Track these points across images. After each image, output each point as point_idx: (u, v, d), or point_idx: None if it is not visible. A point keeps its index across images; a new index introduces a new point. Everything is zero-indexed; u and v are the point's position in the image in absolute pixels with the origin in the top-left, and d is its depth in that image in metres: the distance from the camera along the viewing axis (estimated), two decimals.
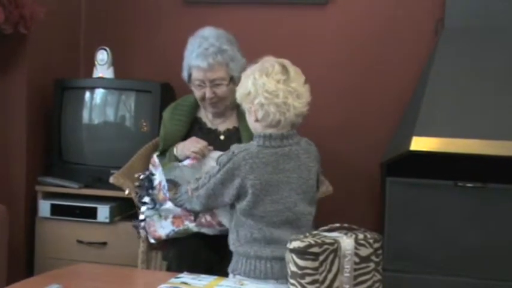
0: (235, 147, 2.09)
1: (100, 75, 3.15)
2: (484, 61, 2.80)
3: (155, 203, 2.38)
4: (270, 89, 2.03)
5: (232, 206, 2.13)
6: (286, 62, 2.09)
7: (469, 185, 2.63)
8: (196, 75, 2.53)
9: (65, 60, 3.34)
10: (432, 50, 2.95)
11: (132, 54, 3.40)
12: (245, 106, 2.12)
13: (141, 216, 2.43)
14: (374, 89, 3.18)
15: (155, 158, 2.51)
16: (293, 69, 2.08)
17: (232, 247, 2.13)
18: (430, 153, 2.61)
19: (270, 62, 2.08)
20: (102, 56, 3.15)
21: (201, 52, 2.50)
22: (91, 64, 3.20)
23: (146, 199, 2.39)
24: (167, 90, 3.04)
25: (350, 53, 3.20)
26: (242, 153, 2.05)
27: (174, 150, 2.52)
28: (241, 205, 2.07)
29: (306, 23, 3.24)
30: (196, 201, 2.18)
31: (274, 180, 2.05)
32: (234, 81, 2.51)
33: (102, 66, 3.15)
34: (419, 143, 2.61)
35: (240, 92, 2.12)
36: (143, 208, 2.41)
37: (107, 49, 3.15)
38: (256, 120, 2.09)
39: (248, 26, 3.27)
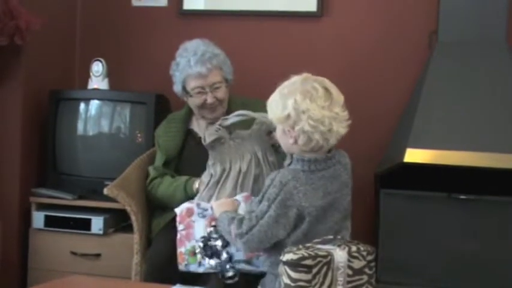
0: (277, 177, 1.95)
1: (95, 86, 3.15)
2: (478, 74, 2.81)
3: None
4: (315, 117, 1.91)
5: None
6: (327, 83, 1.99)
7: (462, 197, 2.63)
8: (196, 83, 2.58)
9: (60, 72, 3.34)
10: (426, 62, 2.95)
11: (127, 65, 3.41)
12: (280, 127, 1.99)
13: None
14: (368, 101, 3.19)
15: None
16: (334, 90, 1.98)
17: (268, 269, 2.03)
18: (424, 165, 2.61)
19: (311, 84, 1.95)
20: (97, 67, 3.15)
21: (198, 59, 2.56)
22: (86, 75, 3.20)
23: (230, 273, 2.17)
24: (162, 102, 3.05)
25: (344, 65, 3.21)
26: (291, 182, 1.92)
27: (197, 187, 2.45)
28: (295, 235, 1.94)
29: (301, 35, 3.26)
30: (242, 247, 2.03)
31: (325, 205, 1.96)
32: (228, 83, 2.65)
33: (97, 77, 3.15)
34: (413, 155, 2.61)
35: (277, 112, 1.97)
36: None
37: (102, 60, 3.15)
38: (295, 143, 1.97)
39: (243, 37, 3.28)
